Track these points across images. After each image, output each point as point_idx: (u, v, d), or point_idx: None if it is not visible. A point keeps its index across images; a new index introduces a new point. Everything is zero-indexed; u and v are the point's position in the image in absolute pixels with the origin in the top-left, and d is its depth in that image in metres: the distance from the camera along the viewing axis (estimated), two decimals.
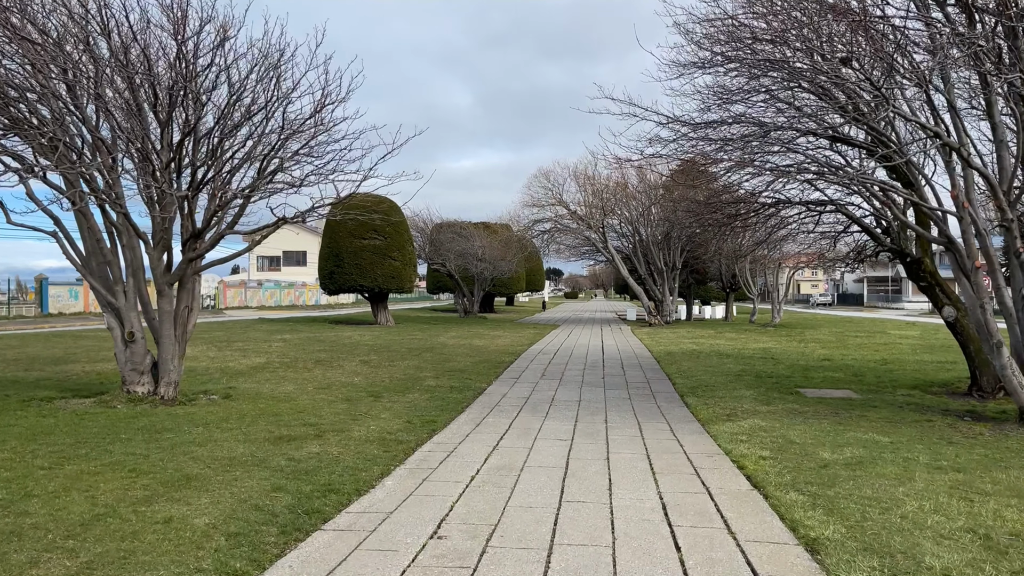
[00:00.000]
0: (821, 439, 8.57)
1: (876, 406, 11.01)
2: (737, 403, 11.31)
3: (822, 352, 19.84)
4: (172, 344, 10.73)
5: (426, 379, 13.97)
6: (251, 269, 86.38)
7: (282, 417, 9.69)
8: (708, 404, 11.22)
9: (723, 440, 8.60)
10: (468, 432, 9.04)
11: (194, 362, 16.29)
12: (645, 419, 10.10)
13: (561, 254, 42.43)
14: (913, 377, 14.57)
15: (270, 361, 16.64)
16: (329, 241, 33.50)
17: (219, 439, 8.17)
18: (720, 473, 7.09)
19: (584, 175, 36.54)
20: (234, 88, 9.32)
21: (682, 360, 17.83)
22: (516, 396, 12.15)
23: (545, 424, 9.63)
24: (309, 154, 9.91)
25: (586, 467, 7.26)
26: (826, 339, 25.13)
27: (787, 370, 15.65)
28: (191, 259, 10.41)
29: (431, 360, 17.32)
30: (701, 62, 12.27)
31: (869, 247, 14.67)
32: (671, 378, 14.59)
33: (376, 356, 17.99)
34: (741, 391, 12.58)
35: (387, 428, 9.09)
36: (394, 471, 7.07)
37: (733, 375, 14.79)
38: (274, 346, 20.50)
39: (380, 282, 32.89)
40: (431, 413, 10.24)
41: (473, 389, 12.78)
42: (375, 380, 13.75)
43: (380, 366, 15.97)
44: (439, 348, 20.73)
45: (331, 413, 10.10)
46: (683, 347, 21.88)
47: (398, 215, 34.36)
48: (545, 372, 15.55)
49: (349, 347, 20.56)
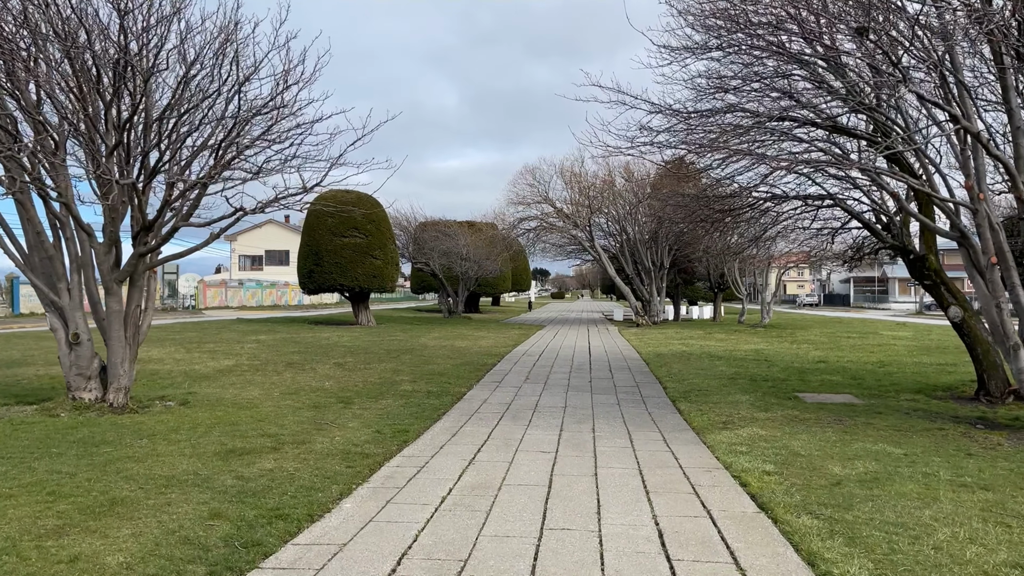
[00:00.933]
0: (828, 451, 7.84)
1: (881, 412, 10.30)
2: (733, 409, 10.58)
3: (816, 354, 19.19)
4: (122, 347, 9.85)
5: (402, 383, 13.14)
6: (233, 268, 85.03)
7: (239, 427, 8.84)
8: (702, 410, 10.48)
9: (721, 451, 7.86)
10: (443, 443, 8.24)
11: (158, 365, 15.39)
12: (636, 427, 9.34)
13: (547, 253, 41.71)
14: (914, 380, 13.91)
15: (239, 364, 15.75)
16: (308, 239, 32.56)
17: (162, 453, 7.32)
18: (721, 491, 6.33)
19: (571, 172, 35.83)
20: (186, 65, 8.47)
21: (672, 362, 17.10)
22: (497, 402, 11.36)
23: (528, 434, 8.84)
24: (270, 139, 9.06)
25: (572, 485, 6.48)
26: (819, 340, 24.52)
27: (782, 373, 14.95)
28: (142, 254, 9.54)
29: (409, 362, 16.49)
30: (695, 46, 11.55)
31: (868, 244, 14.02)
32: (661, 382, 13.85)
33: (352, 358, 17.14)
34: (736, 396, 11.85)
35: (354, 439, 8.27)
36: (355, 491, 6.26)
37: (726, 378, 14.07)
38: (246, 347, 19.60)
39: (361, 281, 31.99)
40: (404, 422, 9.43)
41: (452, 394, 11.98)
42: (347, 384, 12.91)
43: (355, 369, 15.13)
44: (419, 350, 19.90)
45: (294, 422, 9.26)
46: (672, 348, 21.17)
47: (379, 212, 33.46)
48: (529, 375, 14.77)
49: (325, 349, 19.69)
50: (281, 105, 9.00)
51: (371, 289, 32.80)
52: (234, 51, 8.49)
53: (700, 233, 15.61)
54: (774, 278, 37.98)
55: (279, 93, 8.91)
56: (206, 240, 9.98)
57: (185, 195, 9.32)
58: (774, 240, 14.42)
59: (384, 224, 33.65)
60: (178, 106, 8.62)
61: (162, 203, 9.00)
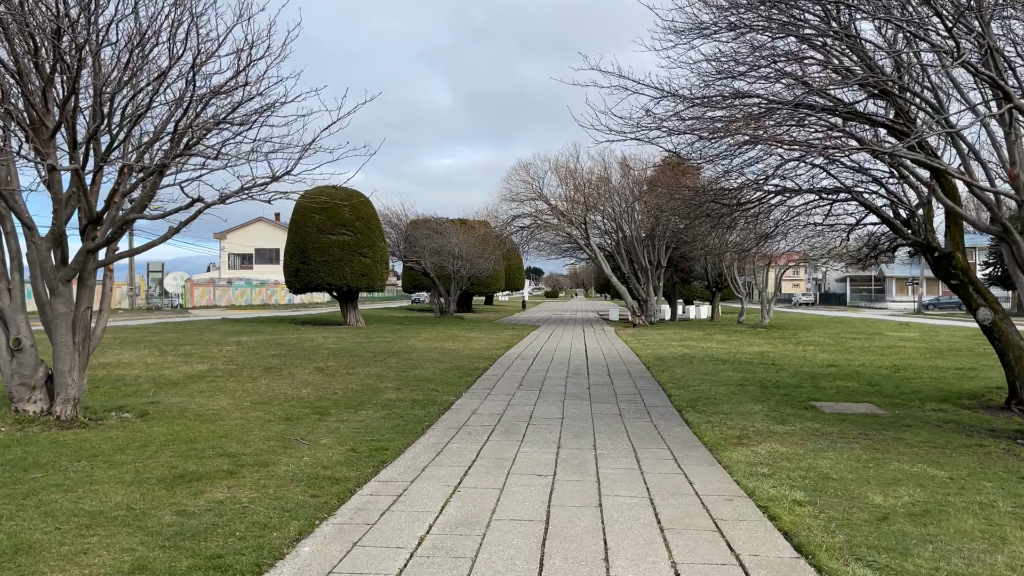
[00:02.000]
0: (862, 473, 6.91)
1: (909, 425, 9.38)
2: (746, 421, 9.64)
3: (825, 357, 18.27)
4: (70, 353, 8.85)
5: (386, 391, 12.16)
6: (222, 267, 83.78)
7: (197, 444, 7.85)
8: (712, 422, 9.55)
9: (741, 474, 6.92)
10: (425, 464, 7.27)
11: (126, 369, 14.37)
12: (641, 443, 8.39)
13: (541, 251, 40.74)
14: (935, 387, 13.00)
15: (213, 368, 14.74)
16: (295, 237, 31.51)
17: (99, 480, 6.33)
18: (748, 528, 5.39)
19: (566, 168, 34.87)
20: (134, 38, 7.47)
21: (674, 366, 16.17)
22: (488, 412, 10.40)
23: (521, 452, 7.88)
24: (232, 122, 8.07)
25: (573, 520, 5.53)
26: (824, 341, 23.63)
27: (793, 378, 14.03)
28: (90, 250, 8.53)
29: (396, 367, 15.51)
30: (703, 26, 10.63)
31: (885, 240, 13.10)
32: (665, 388, 12.91)
33: (335, 362, 16.15)
34: (748, 405, 10.92)
35: (324, 460, 7.29)
36: (317, 529, 5.29)
37: (734, 385, 13.13)
38: (225, 350, 18.58)
39: (349, 280, 30.95)
40: (383, 437, 8.45)
41: (439, 403, 11.01)
42: (326, 392, 11.92)
43: (336, 374, 14.14)
44: (407, 352, 18.91)
45: (260, 438, 8.27)
46: (673, 351, 20.24)
47: (368, 209, 32.45)
48: (523, 381, 13.81)
49: (308, 351, 18.69)
50: (245, 83, 8.01)
51: (359, 288, 31.77)
52: (191, 19, 7.50)
53: (705, 229, 14.68)
54: (774, 277, 37.11)
55: (241, 70, 7.92)
56: (164, 235, 8.99)
57: (137, 183, 8.32)
58: (785, 236, 13.52)
59: (373, 221, 32.62)
60: (128, 83, 7.62)
61: (110, 193, 8.00)
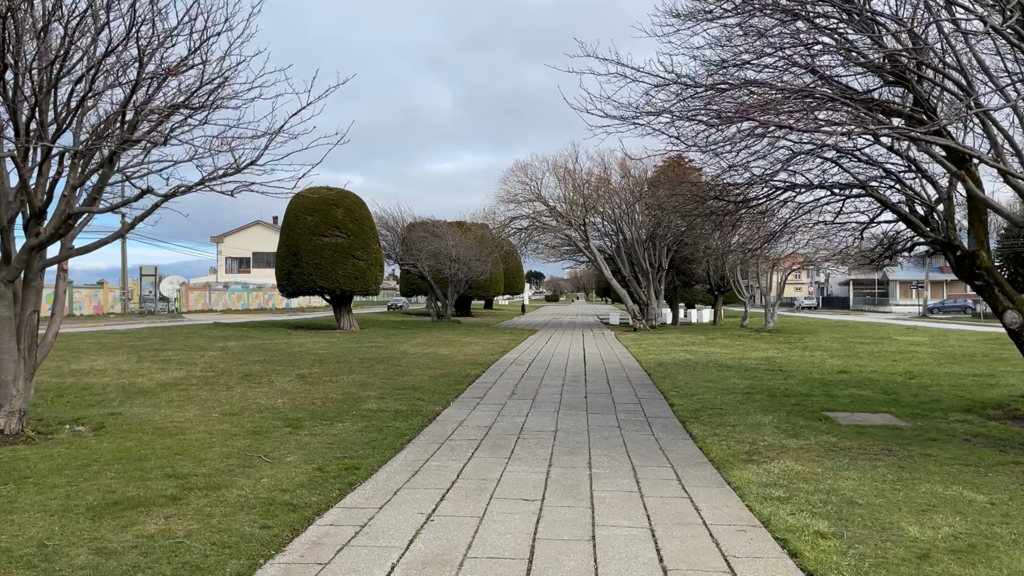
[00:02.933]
0: (890, 497, 6.11)
1: (935, 439, 8.57)
2: (756, 434, 8.84)
3: (834, 362, 17.46)
4: (14, 362, 8.05)
5: (368, 400, 11.36)
6: (219, 271, 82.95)
7: (146, 463, 7.06)
8: (719, 436, 8.75)
9: (753, 497, 6.12)
10: (398, 487, 6.48)
11: (96, 377, 13.59)
12: (642, 460, 7.59)
13: (540, 254, 39.95)
14: (955, 395, 12.19)
15: (189, 375, 13.95)
16: (287, 239, 30.74)
17: (20, 507, 5.54)
18: (766, 567, 4.60)
19: (564, 169, 34.10)
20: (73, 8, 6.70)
21: (677, 373, 15.36)
22: (476, 424, 9.60)
23: (508, 471, 7.08)
24: (186, 105, 7.28)
25: (561, 558, 4.73)
26: (831, 346, 22.81)
27: (803, 386, 13.22)
28: (32, 247, 7.75)
29: (383, 373, 14.71)
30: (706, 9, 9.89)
31: (903, 239, 12.30)
32: (667, 397, 12.10)
33: (319, 369, 15.35)
34: (756, 416, 10.11)
35: (285, 481, 6.50)
36: (259, 570, 4.49)
37: (741, 393, 12.33)
38: (208, 356, 17.79)
39: (342, 283, 30.16)
40: (357, 453, 7.66)
41: (423, 414, 10.21)
42: (303, 402, 11.13)
43: (318, 382, 13.34)
44: (397, 358, 18.11)
45: (219, 455, 7.48)
46: (675, 356, 19.43)
47: (363, 211, 31.70)
48: (516, 390, 13.00)
49: (293, 357, 17.89)
50: (203, 61, 7.23)
51: (353, 291, 30.99)
52: None
53: (708, 229, 13.89)
54: (778, 280, 36.30)
55: (196, 48, 7.14)
56: (118, 232, 8.22)
57: (85, 174, 7.54)
58: (793, 236, 12.72)
59: (367, 223, 31.85)
60: (69, 56, 6.85)
61: (51, 182, 7.22)
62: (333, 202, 30.61)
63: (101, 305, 47.20)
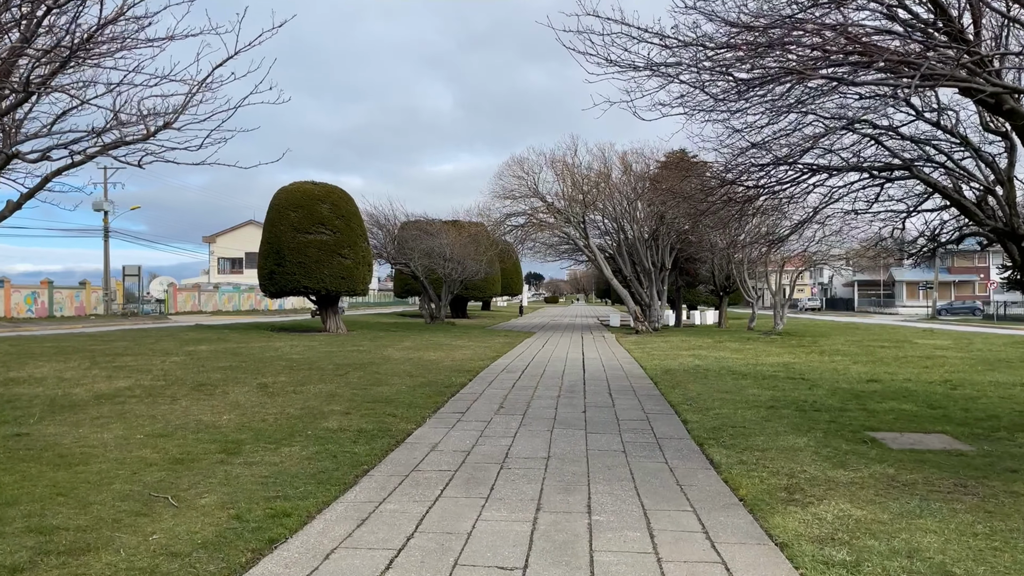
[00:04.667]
0: (994, 562, 4.50)
1: (1015, 469, 6.96)
2: (792, 462, 7.22)
3: (859, 369, 15.83)
4: None
5: (330, 416, 9.74)
6: (212, 271, 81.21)
7: (12, 509, 5.43)
8: (747, 463, 7.14)
9: (809, 563, 4.56)
10: (333, 546, 4.86)
11: (30, 387, 11.97)
12: (655, 500, 5.98)
13: (537, 253, 38.32)
14: (1010, 408, 10.58)
15: (135, 385, 12.32)
16: (269, 236, 29.10)
17: None
18: None
19: (563, 163, 32.48)
20: None
21: (687, 381, 13.73)
22: (452, 448, 7.98)
23: (483, 519, 5.46)
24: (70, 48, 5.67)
25: None
26: (850, 351, 21.17)
27: (832, 398, 11.60)
28: None
29: (356, 383, 13.08)
30: None
31: (949, 229, 10.70)
32: (678, 411, 10.48)
33: (286, 377, 13.71)
34: (788, 437, 8.49)
35: (184, 537, 4.88)
36: None
37: (764, 407, 10.70)
38: (168, 362, 16.16)
39: (328, 283, 28.53)
40: (294, 492, 6.04)
41: (391, 434, 8.59)
42: (253, 419, 9.50)
43: (280, 393, 11.72)
44: (377, 364, 16.48)
45: (115, 496, 5.85)
46: (682, 362, 17.80)
47: (350, 206, 30.08)
48: (504, 402, 11.38)
49: (262, 363, 16.26)
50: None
51: (339, 292, 29.35)
52: None
53: (722, 220, 12.29)
54: (788, 281, 34.71)
55: None
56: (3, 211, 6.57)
57: None
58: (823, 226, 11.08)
59: (355, 220, 30.21)
60: None
61: None
62: (318, 197, 29.00)
63: (84, 306, 45.56)
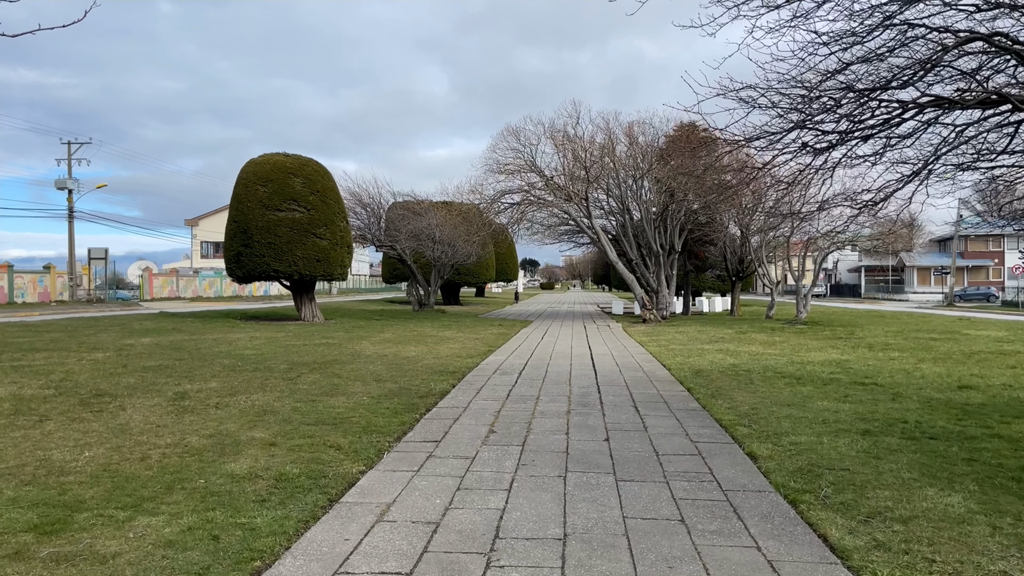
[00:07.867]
0: None
1: None
2: (963, 546, 4.33)
3: (933, 370, 12.92)
4: None
5: (247, 447, 6.79)
6: (194, 256, 77.89)
7: None
8: (892, 550, 4.29)
9: None
10: None
11: None
12: None
13: (535, 234, 35.29)
14: None
15: (11, 395, 9.35)
16: (236, 214, 26.01)
17: None
18: None
19: (563, 134, 29.39)
20: None
21: (729, 389, 10.82)
22: (410, 517, 5.04)
23: None
24: None
25: None
26: (901, 344, 18.27)
27: (935, 415, 8.70)
28: None
29: (304, 392, 10.12)
30: None
31: None
32: (736, 437, 7.54)
33: (217, 383, 10.74)
34: (927, 491, 5.58)
35: None
36: None
37: (855, 431, 7.78)
38: (84, 360, 13.17)
39: (301, 267, 25.50)
40: None
41: (322, 486, 5.65)
42: (131, 455, 6.54)
43: (195, 408, 8.75)
44: (342, 363, 13.50)
45: None
46: (711, 359, 14.88)
47: (326, 181, 26.98)
48: (496, 423, 8.43)
49: (201, 362, 13.28)
50: None
51: (314, 276, 26.32)
52: None
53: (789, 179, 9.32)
54: (813, 264, 31.84)
55: None
56: None
57: None
58: (942, 180, 8.14)
59: (331, 195, 27.09)
60: None
61: None
62: (290, 170, 25.90)
63: (48, 292, 42.44)
